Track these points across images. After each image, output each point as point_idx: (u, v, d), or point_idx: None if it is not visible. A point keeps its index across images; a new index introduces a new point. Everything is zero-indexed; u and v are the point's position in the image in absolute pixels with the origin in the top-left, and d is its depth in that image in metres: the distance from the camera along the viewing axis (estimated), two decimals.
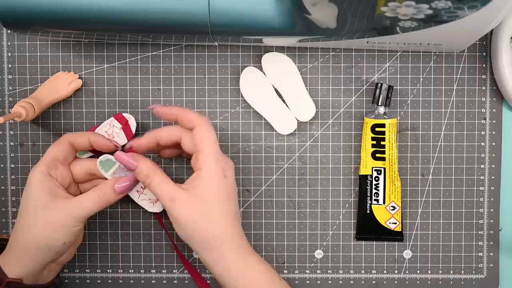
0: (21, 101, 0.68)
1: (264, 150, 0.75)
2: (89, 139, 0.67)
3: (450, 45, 0.67)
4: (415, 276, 0.76)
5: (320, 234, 0.76)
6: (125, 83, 0.75)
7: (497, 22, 0.59)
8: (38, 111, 0.70)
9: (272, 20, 0.61)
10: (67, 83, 0.73)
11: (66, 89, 0.73)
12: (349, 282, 0.76)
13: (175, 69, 0.75)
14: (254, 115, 0.75)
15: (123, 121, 0.72)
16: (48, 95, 0.72)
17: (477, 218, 0.75)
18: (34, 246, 0.62)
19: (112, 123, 0.72)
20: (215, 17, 0.61)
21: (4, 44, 0.75)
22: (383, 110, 0.71)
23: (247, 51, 0.74)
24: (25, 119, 0.68)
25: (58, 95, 0.73)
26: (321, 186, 0.75)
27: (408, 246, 0.76)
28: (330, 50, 0.74)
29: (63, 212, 0.62)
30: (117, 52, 0.75)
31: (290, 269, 0.76)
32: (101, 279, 0.76)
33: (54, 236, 0.62)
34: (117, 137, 0.72)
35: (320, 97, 0.74)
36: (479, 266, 0.75)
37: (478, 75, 0.74)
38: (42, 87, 0.73)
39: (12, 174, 0.76)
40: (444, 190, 0.75)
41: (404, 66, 0.74)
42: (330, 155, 0.75)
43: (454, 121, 0.74)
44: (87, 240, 0.76)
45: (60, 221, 0.62)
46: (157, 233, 0.76)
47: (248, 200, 0.75)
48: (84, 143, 0.67)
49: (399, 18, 0.56)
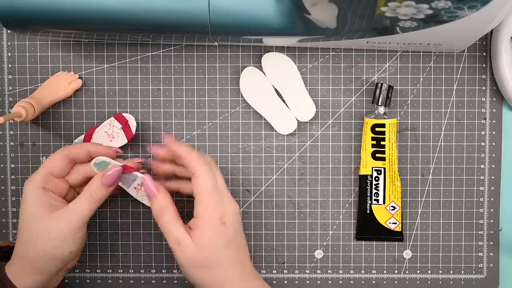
0: (21, 101, 0.68)
1: (264, 150, 0.75)
2: (88, 151, 0.67)
3: (450, 45, 0.67)
4: (415, 276, 0.76)
5: (320, 234, 0.76)
6: (125, 83, 0.75)
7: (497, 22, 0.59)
8: (38, 111, 0.70)
9: (272, 20, 0.61)
10: (67, 83, 0.73)
11: (66, 89, 0.73)
12: (349, 282, 0.76)
13: (175, 69, 0.75)
14: (254, 115, 0.75)
15: (123, 121, 0.72)
16: (48, 95, 0.72)
17: (477, 218, 0.75)
18: (40, 258, 0.62)
19: (112, 123, 0.72)
20: (215, 17, 0.61)
21: (4, 44, 0.75)
22: (383, 110, 0.71)
23: (247, 51, 0.74)
24: (25, 119, 0.68)
25: (58, 95, 0.73)
26: (321, 186, 0.75)
27: (408, 246, 0.76)
28: (330, 50, 0.74)
29: (62, 222, 0.62)
30: (117, 52, 0.75)
31: (290, 269, 0.76)
32: (101, 279, 0.76)
33: (59, 246, 0.62)
34: (117, 137, 0.72)
35: (320, 97, 0.74)
36: (479, 266, 0.75)
37: (478, 75, 0.74)
38: (42, 87, 0.73)
39: (12, 174, 0.76)
40: (444, 190, 0.75)
41: (404, 66, 0.74)
42: (330, 155, 0.75)
43: (454, 121, 0.74)
44: (87, 240, 0.76)
45: (61, 232, 0.61)
46: (157, 233, 0.76)
47: (248, 200, 0.75)
48: (83, 156, 0.67)
49: (399, 18, 0.56)
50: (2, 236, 0.76)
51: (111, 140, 0.73)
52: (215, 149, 0.75)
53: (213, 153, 0.75)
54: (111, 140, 0.73)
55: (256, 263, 0.76)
